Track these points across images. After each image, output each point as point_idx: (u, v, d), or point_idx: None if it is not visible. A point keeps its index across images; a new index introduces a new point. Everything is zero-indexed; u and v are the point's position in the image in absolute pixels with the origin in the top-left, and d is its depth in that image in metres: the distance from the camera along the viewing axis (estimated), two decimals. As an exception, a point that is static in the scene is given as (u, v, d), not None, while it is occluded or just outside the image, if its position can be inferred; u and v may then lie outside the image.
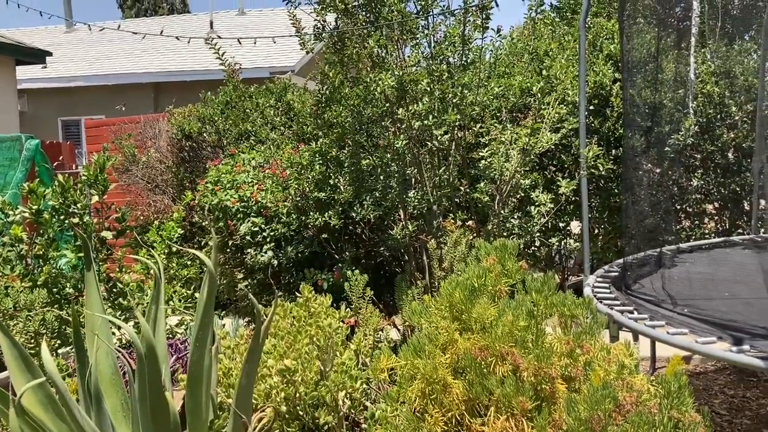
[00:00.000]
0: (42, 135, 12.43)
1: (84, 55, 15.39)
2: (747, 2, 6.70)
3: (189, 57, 13.47)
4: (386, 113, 4.66)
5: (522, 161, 4.53)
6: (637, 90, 5.43)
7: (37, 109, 14.31)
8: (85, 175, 4.47)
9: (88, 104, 13.96)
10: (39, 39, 15.54)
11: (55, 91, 14.13)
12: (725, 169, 6.24)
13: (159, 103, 13.20)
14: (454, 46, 4.58)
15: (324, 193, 4.81)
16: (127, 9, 32.47)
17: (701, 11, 5.51)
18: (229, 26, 15.81)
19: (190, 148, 7.90)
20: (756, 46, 6.31)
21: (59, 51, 14.69)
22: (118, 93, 13.40)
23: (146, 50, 14.57)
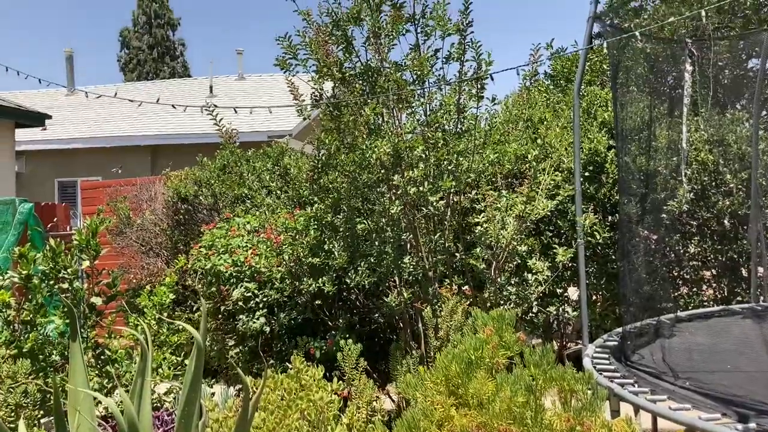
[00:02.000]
0: (38, 196, 12.44)
1: (83, 117, 15.57)
2: (737, 72, 6.83)
3: (187, 120, 13.62)
4: (382, 179, 4.66)
5: (518, 228, 4.50)
6: (632, 157, 5.47)
7: (34, 170, 14.36)
8: (77, 239, 4.42)
9: (86, 166, 14.03)
10: (39, 101, 15.75)
11: (53, 152, 14.22)
12: (722, 236, 6.22)
13: (156, 165, 13.27)
14: (450, 114, 4.62)
15: (318, 259, 4.75)
16: (128, 72, 33.12)
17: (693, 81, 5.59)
18: (228, 91, 16.06)
19: (186, 211, 7.88)
20: (747, 114, 6.39)
21: (59, 113, 14.85)
22: (116, 155, 13.48)
23: (145, 113, 14.74)
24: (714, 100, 6.46)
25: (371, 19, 4.59)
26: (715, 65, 6.45)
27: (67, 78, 17.78)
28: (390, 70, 4.53)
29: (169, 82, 20.24)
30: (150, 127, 14.19)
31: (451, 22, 4.50)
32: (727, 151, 6.26)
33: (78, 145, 14.03)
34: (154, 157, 13.81)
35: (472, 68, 4.55)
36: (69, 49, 18.02)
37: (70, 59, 17.99)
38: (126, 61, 33.41)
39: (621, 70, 5.64)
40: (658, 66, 6.25)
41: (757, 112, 6.21)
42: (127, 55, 33.44)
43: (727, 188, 6.17)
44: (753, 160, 5.90)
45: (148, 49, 33.17)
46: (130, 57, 33.30)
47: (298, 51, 4.65)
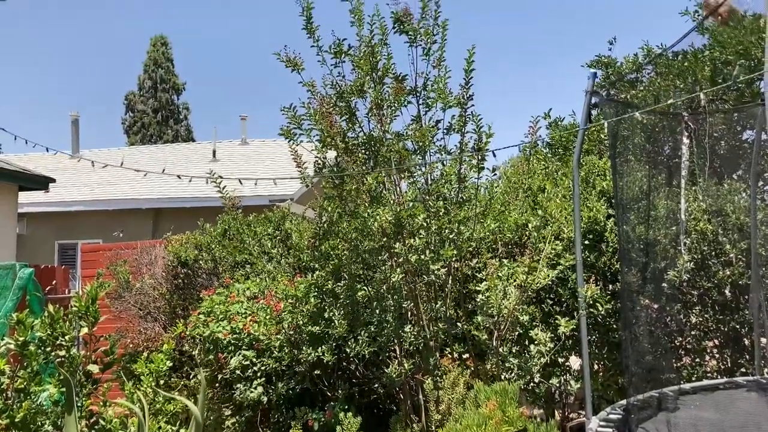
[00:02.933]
0: (38, 257, 12.44)
1: (86, 180, 15.70)
2: (733, 144, 6.94)
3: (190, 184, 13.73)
4: (383, 247, 4.68)
5: (520, 298, 4.49)
6: (631, 226, 5.49)
7: (35, 232, 14.39)
8: (77, 305, 4.40)
9: (87, 228, 14.07)
10: (44, 163, 15.92)
11: (54, 214, 14.28)
12: (723, 306, 6.19)
13: (158, 228, 13.31)
14: (451, 184, 4.68)
15: (318, 327, 4.72)
16: (132, 134, 33.55)
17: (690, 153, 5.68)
18: (231, 155, 16.25)
19: (185, 275, 7.86)
20: (745, 185, 6.46)
21: (63, 175, 14.99)
22: (118, 218, 13.54)
23: (148, 176, 14.87)
24: (711, 170, 6.54)
25: (374, 92, 4.70)
26: (711, 136, 6.56)
27: (72, 141, 18.02)
28: (392, 141, 4.61)
29: (173, 146, 20.50)
30: (152, 191, 14.30)
31: (452, 95, 4.61)
32: (726, 221, 6.29)
33: (80, 208, 14.10)
34: (156, 220, 13.86)
35: (473, 139, 4.63)
36: (75, 113, 18.33)
37: (75, 123, 18.27)
38: (130, 123, 33.90)
39: (619, 140, 5.72)
40: (655, 136, 6.35)
41: (755, 183, 6.28)
42: (131, 118, 33.94)
43: (727, 258, 6.17)
44: (752, 230, 5.93)
45: (153, 112, 33.70)
46: (134, 120, 33.80)
47: (302, 121, 4.75)
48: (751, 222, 6.05)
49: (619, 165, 5.57)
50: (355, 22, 4.77)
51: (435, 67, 4.82)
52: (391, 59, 4.81)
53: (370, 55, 4.65)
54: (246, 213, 7.80)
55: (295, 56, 4.83)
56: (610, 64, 8.85)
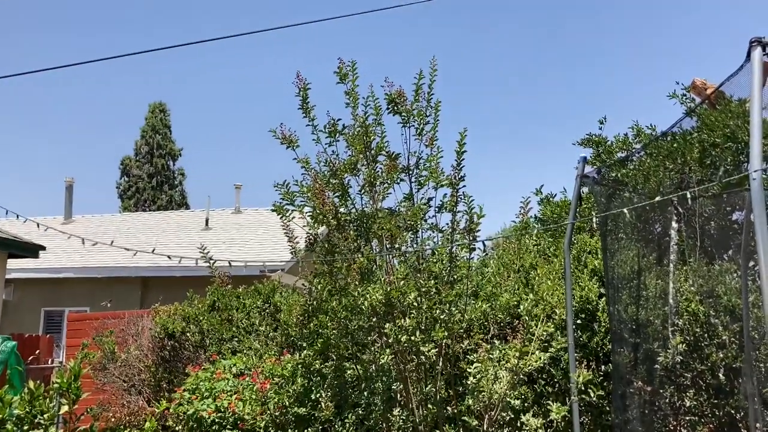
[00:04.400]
0: (23, 324, 12.24)
1: (77, 246, 15.57)
2: (723, 224, 6.98)
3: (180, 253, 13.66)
4: (373, 327, 4.63)
5: (511, 382, 4.42)
6: (622, 306, 5.46)
7: (21, 298, 14.20)
8: (59, 382, 4.29)
9: (75, 296, 13.90)
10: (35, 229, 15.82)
11: (42, 281, 14.13)
12: (717, 389, 6.09)
13: (146, 296, 13.17)
14: (442, 263, 4.67)
15: (304, 409, 4.62)
16: (126, 199, 33.64)
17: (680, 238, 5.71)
18: (224, 224, 16.25)
19: (172, 348, 7.74)
20: (735, 266, 6.46)
21: (53, 241, 14.88)
22: (106, 286, 13.41)
23: (138, 244, 14.82)
24: (702, 250, 6.55)
25: (367, 169, 4.75)
26: (700, 216, 6.61)
27: (65, 206, 18.01)
28: (384, 219, 4.62)
29: (166, 213, 20.51)
30: (142, 259, 14.21)
31: (444, 174, 4.66)
32: (717, 302, 6.27)
33: (69, 275, 13.97)
34: (144, 289, 13.73)
35: (464, 219, 4.65)
36: (70, 179, 18.40)
37: (70, 188, 18.31)
38: (125, 188, 34.05)
39: (609, 218, 5.76)
40: (645, 215, 6.39)
41: (745, 264, 6.28)
42: (126, 183, 34.12)
43: (720, 340, 6.12)
44: (743, 312, 5.90)
45: (148, 177, 33.92)
46: (129, 184, 33.97)
47: (294, 198, 4.77)
48: (742, 304, 6.02)
49: (609, 244, 5.59)
50: (350, 102, 4.87)
51: (427, 146, 4.89)
52: (384, 138, 4.89)
53: (364, 135, 4.72)
54: (236, 284, 7.74)
55: (290, 134, 4.91)
56: (600, 143, 9.02)
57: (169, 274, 13.01)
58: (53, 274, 14.04)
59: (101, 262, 14.32)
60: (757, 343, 5.87)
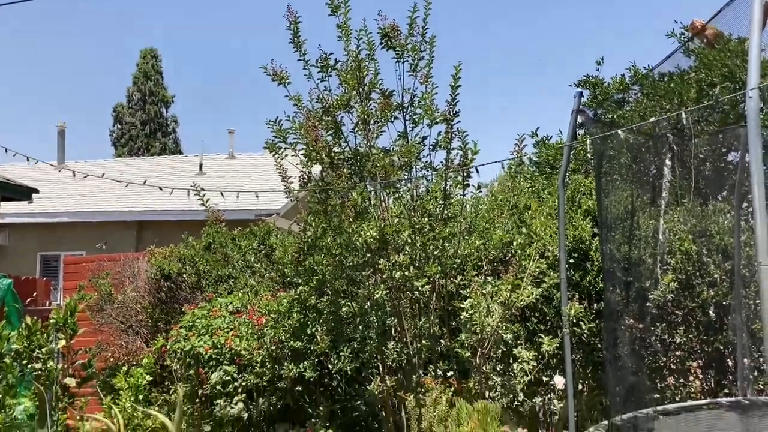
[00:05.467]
0: (20, 269, 12.28)
1: (71, 191, 15.57)
2: (717, 165, 6.98)
3: (174, 197, 13.63)
4: (368, 263, 4.65)
5: (503, 316, 4.47)
6: (615, 245, 5.50)
7: (17, 243, 14.22)
8: (55, 318, 4.34)
9: (70, 240, 13.92)
10: (28, 174, 15.74)
11: (37, 225, 14.13)
12: (707, 326, 6.19)
13: (141, 240, 13.19)
14: (436, 200, 4.66)
15: (300, 343, 4.67)
16: (120, 146, 33.40)
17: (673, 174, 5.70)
18: (218, 169, 16.18)
19: (168, 289, 7.78)
20: (729, 206, 6.49)
21: (47, 186, 14.85)
22: (101, 230, 13.41)
23: (132, 189, 14.77)
24: (696, 191, 6.56)
25: (361, 107, 4.69)
26: (696, 157, 6.59)
27: (58, 152, 17.89)
28: (378, 156, 4.60)
29: (159, 158, 20.40)
30: (137, 203, 14.20)
31: (439, 111, 4.61)
32: (710, 241, 6.32)
33: (63, 219, 13.96)
34: (139, 232, 13.75)
35: (459, 156, 4.63)
36: (61, 123, 18.22)
37: (62, 133, 18.15)
38: (118, 135, 33.74)
39: (604, 159, 5.74)
40: (640, 156, 6.38)
41: (738, 204, 6.31)
42: (119, 130, 33.79)
43: (712, 279, 6.19)
44: (735, 251, 5.96)
45: (141, 124, 33.58)
46: (122, 132, 33.65)
47: (287, 135, 4.73)
48: (734, 243, 6.07)
49: (604, 185, 5.58)
50: (343, 36, 4.77)
51: (422, 83, 4.83)
52: (378, 75, 4.82)
53: (356, 70, 4.65)
54: (231, 227, 7.74)
55: (281, 70, 4.83)
56: (597, 85, 8.91)
57: (164, 218, 13.03)
58: (48, 219, 14.04)
59: (96, 206, 14.31)
60: (747, 281, 5.95)
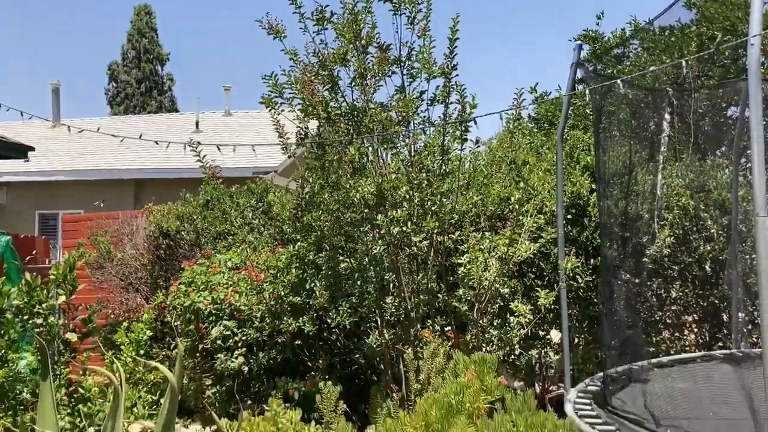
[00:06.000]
0: (18, 228, 12.29)
1: (67, 149, 15.49)
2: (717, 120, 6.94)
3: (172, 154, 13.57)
4: (365, 218, 4.65)
5: (501, 270, 4.49)
6: (614, 201, 5.50)
7: (15, 202, 14.21)
8: (54, 273, 4.35)
9: (68, 198, 13.90)
10: (24, 133, 15.66)
11: (35, 184, 14.10)
12: (703, 281, 6.24)
13: (139, 199, 13.18)
14: (434, 156, 4.64)
15: (299, 298, 4.71)
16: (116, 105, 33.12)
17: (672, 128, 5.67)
18: (215, 126, 16.08)
19: (167, 246, 7.81)
20: (727, 161, 6.48)
21: (43, 145, 14.76)
22: (99, 188, 13.39)
23: (129, 147, 14.67)
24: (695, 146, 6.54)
25: (357, 61, 4.63)
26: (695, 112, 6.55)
27: (53, 110, 17.73)
28: (375, 111, 4.56)
29: (155, 116, 20.26)
30: (134, 161, 14.14)
31: (437, 65, 4.56)
32: (708, 197, 6.33)
33: (60, 177, 13.92)
34: (137, 190, 13.73)
35: (457, 110, 4.60)
36: (55, 81, 18.01)
37: (56, 91, 17.96)
38: (113, 94, 33.42)
39: (603, 115, 5.70)
40: (640, 112, 6.34)
41: (737, 159, 6.30)
42: (114, 89, 33.45)
43: (708, 234, 6.21)
44: (733, 206, 5.97)
45: (136, 83, 33.22)
46: (117, 90, 33.31)
47: (283, 90, 4.68)
48: (732, 198, 6.08)
49: (602, 140, 5.56)
50: (339, -12, 4.69)
51: (420, 37, 4.75)
52: (375, 28, 4.74)
53: (353, 23, 4.57)
54: (228, 184, 7.72)
55: (277, 23, 4.75)
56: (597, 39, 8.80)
57: (162, 176, 13.00)
58: (45, 177, 14.00)
59: (93, 164, 14.25)
60: (744, 236, 5.97)
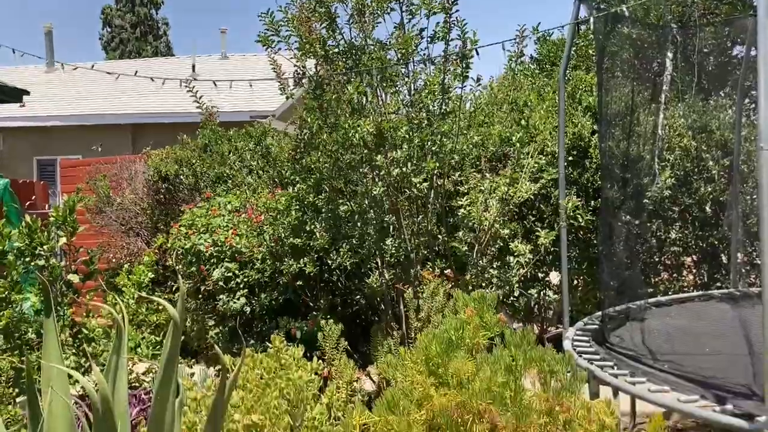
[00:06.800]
0: (17, 173, 12.25)
1: (63, 94, 15.32)
2: (721, 60, 6.84)
3: (169, 98, 13.45)
4: (365, 159, 4.62)
5: (501, 211, 4.49)
6: (615, 142, 5.46)
7: (12, 147, 14.14)
8: (54, 215, 4.34)
9: (65, 144, 13.82)
10: (18, 78, 15.44)
11: (31, 130, 14.00)
12: (703, 222, 6.25)
13: (137, 144, 13.10)
14: (434, 95, 4.58)
15: (300, 240, 4.71)
16: (111, 50, 32.63)
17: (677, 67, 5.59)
18: (211, 70, 15.86)
19: (166, 191, 7.80)
20: (731, 102, 6.41)
21: (38, 90, 14.59)
22: (96, 133, 13.29)
23: (126, 91, 14.53)
24: (699, 86, 6.46)
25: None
26: (700, 52, 6.45)
27: (46, 54, 17.45)
28: (374, 48, 4.47)
29: (151, 60, 19.97)
30: (131, 105, 14.01)
31: (437, 0, 4.45)
32: (710, 137, 6.28)
33: (56, 123, 13.81)
34: (134, 135, 13.64)
35: (457, 47, 4.51)
36: (48, 24, 17.69)
37: (49, 35, 17.66)
38: (108, 39, 32.89)
39: (606, 55, 5.61)
40: (643, 52, 6.23)
41: (740, 99, 6.23)
42: (109, 34, 32.90)
43: (709, 174, 6.20)
44: (735, 146, 5.93)
45: (131, 27, 32.66)
46: (112, 35, 32.77)
47: (280, 27, 4.58)
48: (734, 139, 6.04)
49: (605, 81, 5.48)
50: None
51: (420, -29, 4.62)
52: (374, -37, 4.60)
53: (351, -43, 4.45)
54: (226, 128, 7.66)
55: (273, -42, 4.62)
56: (601, -23, 8.61)
57: (159, 121, 12.89)
58: (41, 123, 13.89)
59: (89, 109, 14.12)
60: (745, 176, 5.96)
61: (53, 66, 16.67)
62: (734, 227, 5.77)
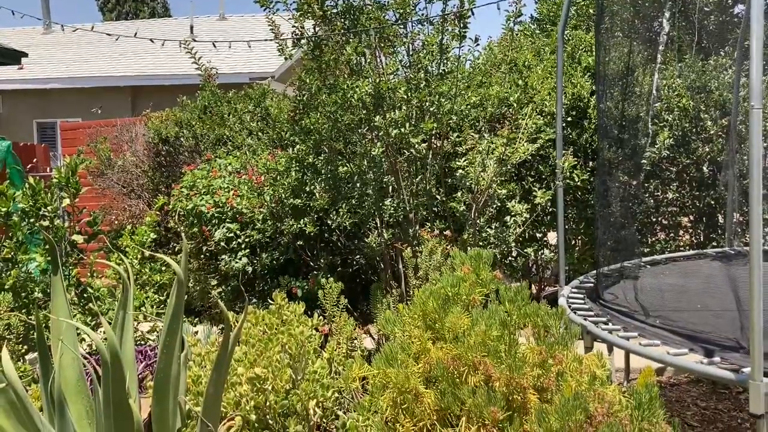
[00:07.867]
0: (17, 137, 12.26)
1: (61, 57, 15.22)
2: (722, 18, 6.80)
3: (168, 61, 13.38)
4: (363, 120, 4.65)
5: (499, 171, 4.53)
6: (613, 102, 5.48)
7: (12, 111, 14.11)
8: (57, 177, 4.40)
9: (65, 107, 13.79)
10: (16, 40, 15.34)
11: (30, 92, 13.94)
12: (700, 182, 6.30)
13: (136, 106, 13.08)
14: (432, 55, 4.58)
15: (300, 200, 4.77)
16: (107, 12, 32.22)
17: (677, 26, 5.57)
18: (209, 31, 15.73)
19: (167, 153, 7.84)
20: (731, 61, 6.40)
21: (36, 52, 14.50)
22: (95, 96, 13.25)
23: (124, 53, 14.45)
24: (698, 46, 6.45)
25: (354, -44, 4.50)
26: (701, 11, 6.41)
27: (43, 15, 17.29)
28: (372, 8, 4.46)
29: (149, 21, 19.76)
30: (130, 67, 13.93)
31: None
32: (709, 97, 6.29)
33: (56, 85, 13.75)
34: (134, 98, 13.60)
35: (456, 8, 4.50)
36: (44, -14, 17.46)
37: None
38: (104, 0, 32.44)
39: (606, 14, 5.59)
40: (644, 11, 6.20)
41: (740, 59, 6.21)
42: (105, -6, 32.43)
43: (707, 135, 6.22)
44: (733, 106, 5.94)
45: (127, -13, 32.18)
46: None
47: (278, -14, 4.56)
48: (733, 99, 6.04)
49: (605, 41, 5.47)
50: None
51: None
52: None
53: None
54: (225, 90, 7.65)
55: None
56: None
57: (158, 83, 12.84)
58: (40, 85, 13.83)
59: (88, 71, 14.05)
60: (743, 136, 5.98)
61: (51, 28, 16.54)
62: (730, 187, 5.82)
